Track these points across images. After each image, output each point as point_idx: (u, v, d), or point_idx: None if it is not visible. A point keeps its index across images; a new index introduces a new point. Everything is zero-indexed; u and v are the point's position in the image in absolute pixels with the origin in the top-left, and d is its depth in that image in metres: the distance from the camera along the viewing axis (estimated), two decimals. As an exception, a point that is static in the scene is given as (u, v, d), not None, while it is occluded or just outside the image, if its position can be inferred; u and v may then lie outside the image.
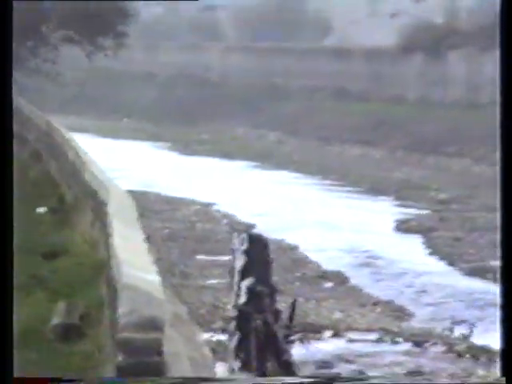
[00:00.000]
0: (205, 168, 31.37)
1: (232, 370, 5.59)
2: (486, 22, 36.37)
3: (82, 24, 28.65)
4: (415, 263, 18.08)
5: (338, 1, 54.36)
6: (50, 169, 13.35)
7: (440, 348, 11.88)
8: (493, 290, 14.98)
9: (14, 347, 5.75)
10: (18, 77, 23.94)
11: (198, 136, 38.94)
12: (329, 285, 15.93)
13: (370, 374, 9.47)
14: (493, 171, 26.87)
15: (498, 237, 16.63)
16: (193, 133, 39.65)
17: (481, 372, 10.47)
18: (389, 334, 12.34)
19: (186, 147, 37.19)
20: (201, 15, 58.29)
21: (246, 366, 5.43)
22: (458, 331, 12.86)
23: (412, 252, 19.23)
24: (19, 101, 19.63)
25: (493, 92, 33.63)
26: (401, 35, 44.72)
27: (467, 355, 11.50)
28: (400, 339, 12.25)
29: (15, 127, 20.85)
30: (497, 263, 16.00)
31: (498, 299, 14.03)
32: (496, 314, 13.37)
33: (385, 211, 24.11)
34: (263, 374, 5.21)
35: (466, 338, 12.55)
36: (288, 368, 5.32)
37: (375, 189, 27.51)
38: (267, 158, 33.60)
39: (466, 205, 24.60)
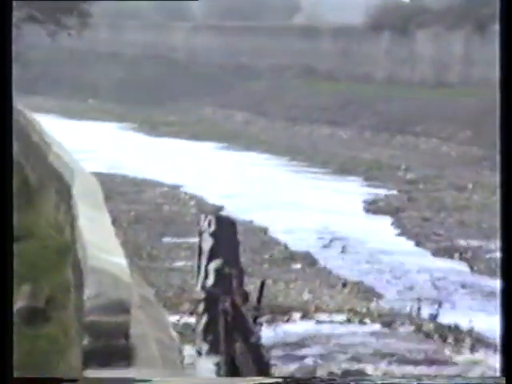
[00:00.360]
0: (172, 149, 31.10)
1: (199, 352, 5.58)
2: (454, 2, 37.10)
3: (45, 2, 28.72)
4: (384, 244, 17.92)
5: (306, -21, 54.61)
6: (12, 150, 13.53)
7: (408, 328, 11.86)
8: (459, 268, 15.22)
9: None
10: None
11: (164, 117, 38.59)
12: (297, 266, 15.73)
13: (339, 355, 9.52)
14: (460, 150, 27.35)
15: (465, 216, 17.19)
16: (159, 114, 39.24)
17: (448, 350, 10.60)
18: (357, 315, 12.30)
19: (153, 128, 36.88)
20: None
21: (213, 348, 5.41)
22: (426, 311, 12.87)
23: (381, 233, 19.18)
24: None
25: (460, 71, 34.09)
26: (369, 14, 44.47)
27: (435, 335, 11.51)
28: (368, 320, 12.19)
29: None
30: (464, 242, 16.28)
31: (465, 277, 14.41)
32: (462, 291, 13.70)
33: (353, 192, 24.09)
34: (231, 357, 5.22)
35: (433, 317, 12.60)
36: (256, 350, 5.31)
37: (344, 169, 27.67)
38: (235, 139, 33.23)
39: (434, 184, 24.56)
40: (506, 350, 4.52)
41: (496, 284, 13.60)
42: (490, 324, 11.12)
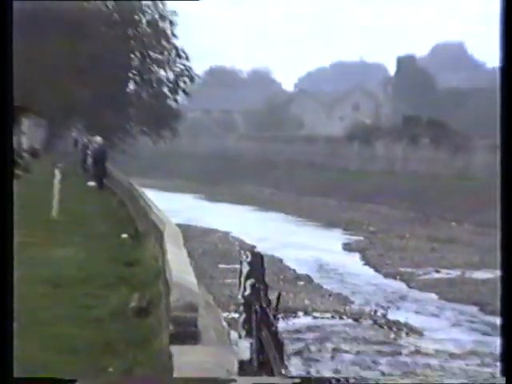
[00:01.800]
0: (224, 210, 45.37)
1: (240, 336, 8.43)
2: (396, 123, 60.52)
3: (151, 122, 44.50)
4: (355, 270, 25.90)
5: (308, 109, 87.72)
6: (129, 211, 17.65)
7: (369, 322, 17.75)
8: (400, 286, 22.63)
9: (111, 321, 8.38)
10: (114, 155, 35.39)
11: (221, 191, 56.89)
12: (301, 283, 22.40)
13: (328, 338, 15.32)
14: (402, 213, 41.83)
15: (404, 254, 26.62)
16: (218, 189, 58.03)
17: (392, 335, 16.34)
18: (338, 314, 18.40)
19: (214, 197, 52.89)
20: (223, 115, 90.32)
21: (248, 334, 8.15)
22: (380, 312, 18.83)
23: (353, 263, 27.42)
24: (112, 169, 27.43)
25: (402, 166, 54.19)
26: (345, 130, 70.24)
27: (385, 326, 17.24)
28: (345, 317, 18.21)
29: (113, 186, 26.26)
30: (403, 269, 24.61)
31: (404, 291, 20.62)
32: (401, 300, 20.26)
33: (336, 238, 34.17)
34: (259, 339, 8.03)
35: (384, 315, 18.43)
36: (275, 335, 7.89)
37: (330, 224, 39.28)
38: (263, 205, 48.70)
39: (386, 234, 34.59)
40: (505, 350, 4.38)
41: (424, 296, 21.13)
42: (419, 321, 17.98)
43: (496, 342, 11.44)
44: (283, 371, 6.89)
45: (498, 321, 13.50)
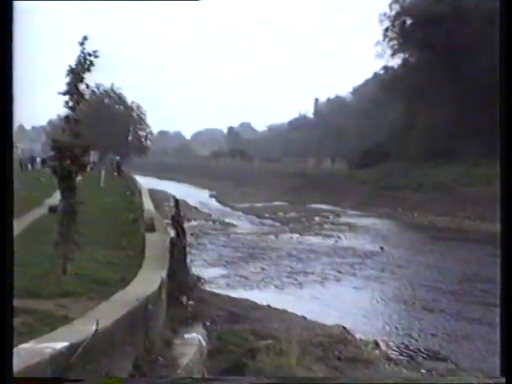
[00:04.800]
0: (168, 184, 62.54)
1: (171, 229, 17.55)
2: None
3: (136, 152, 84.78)
4: (213, 204, 52.30)
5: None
6: (130, 184, 31.38)
7: (217, 223, 40.50)
8: (231, 211, 49.02)
9: (122, 224, 17.45)
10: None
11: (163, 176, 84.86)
12: (193, 210, 31.87)
13: (204, 229, 28.03)
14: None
15: (239, 197, 43.37)
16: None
17: (225, 227, 36.09)
18: (206, 220, 40.21)
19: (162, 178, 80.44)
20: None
21: (172, 227, 17.08)
22: (220, 219, 43.17)
23: (213, 202, 54.58)
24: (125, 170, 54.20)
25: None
26: None
27: (222, 224, 39.72)
28: (210, 222, 39.87)
29: (124, 176, 45.65)
30: (235, 204, 49.55)
31: (230, 211, 34.88)
32: (230, 216, 42.53)
33: (207, 193, 61.66)
34: (177, 230, 16.88)
35: (222, 221, 41.18)
36: (182, 228, 16.67)
37: (204, 187, 69.93)
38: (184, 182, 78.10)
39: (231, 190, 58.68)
40: (506, 350, 4.48)
41: (242, 214, 45.30)
42: (241, 224, 39.44)
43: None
44: (184, 242, 16.52)
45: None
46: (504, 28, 4.42)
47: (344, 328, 13.49)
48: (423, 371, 11.61)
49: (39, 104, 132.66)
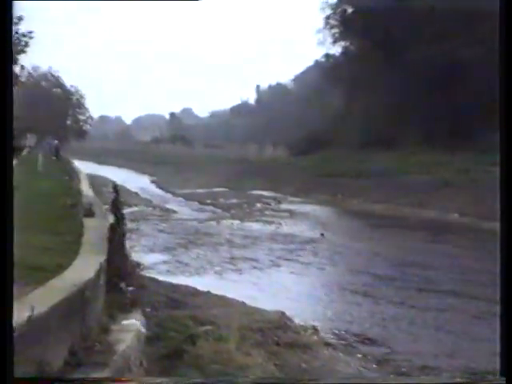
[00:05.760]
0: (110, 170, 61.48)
1: (110, 214, 17.70)
2: None
3: (76, 136, 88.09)
4: (154, 191, 51.96)
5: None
6: (68, 169, 35.64)
7: (157, 209, 40.69)
8: (170, 196, 49.89)
9: (61, 208, 17.92)
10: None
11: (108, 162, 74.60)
12: (133, 195, 39.49)
13: (143, 215, 26.95)
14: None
15: (177, 183, 45.89)
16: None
17: (166, 213, 36.33)
18: (146, 206, 40.15)
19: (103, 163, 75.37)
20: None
21: (112, 212, 17.31)
22: (161, 205, 43.39)
23: (153, 188, 55.95)
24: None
25: None
26: None
27: (162, 209, 39.74)
28: (150, 208, 40.04)
29: (62, 159, 47.39)
30: (175, 190, 51.05)
31: (170, 197, 36.08)
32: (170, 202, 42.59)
33: (147, 179, 62.75)
34: (116, 215, 17.04)
35: (163, 207, 41.78)
36: (122, 214, 17.04)
37: (144, 173, 70.57)
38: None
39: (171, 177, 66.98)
40: (506, 350, 4.42)
41: (182, 200, 45.96)
42: (179, 208, 40.70)
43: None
44: (124, 228, 16.44)
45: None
46: (504, 28, 4.36)
47: (283, 314, 13.58)
48: (359, 356, 11.79)
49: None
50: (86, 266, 8.11)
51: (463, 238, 28.12)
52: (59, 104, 74.47)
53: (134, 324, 8.60)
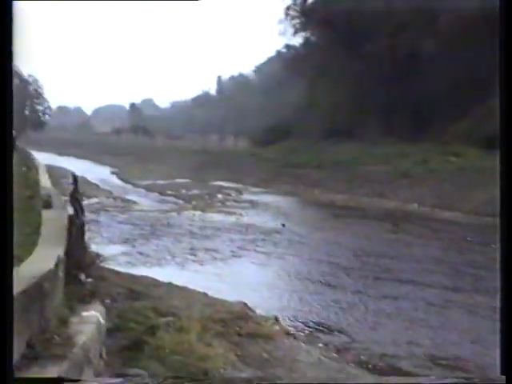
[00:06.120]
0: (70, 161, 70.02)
1: (69, 206, 17.40)
2: None
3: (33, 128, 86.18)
4: (116, 182, 52.35)
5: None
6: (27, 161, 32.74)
7: (118, 200, 40.11)
8: (130, 187, 49.46)
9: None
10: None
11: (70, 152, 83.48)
12: (93, 187, 40.88)
13: (103, 206, 27.16)
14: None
15: (138, 175, 46.14)
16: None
17: (127, 203, 33.21)
18: (107, 197, 39.53)
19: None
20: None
21: (71, 204, 17.05)
22: (121, 196, 43.38)
23: (114, 179, 55.17)
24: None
25: None
26: None
27: (123, 201, 39.55)
28: (110, 198, 39.43)
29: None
30: (136, 181, 51.17)
31: (131, 188, 36.22)
32: (130, 193, 42.32)
33: (108, 170, 65.44)
34: (75, 206, 16.78)
35: (123, 198, 41.43)
36: (80, 205, 16.73)
37: (106, 165, 78.27)
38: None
39: (131, 165, 67.44)
40: (505, 350, 4.27)
41: (142, 191, 46.04)
42: (139, 199, 40.62)
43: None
44: (83, 219, 16.31)
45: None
46: (504, 28, 4.23)
47: (245, 304, 13.60)
48: (320, 345, 11.87)
49: None
50: (44, 258, 8.01)
51: (422, 228, 28.44)
52: (16, 94, 74.41)
53: (93, 316, 8.52)
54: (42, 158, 50.85)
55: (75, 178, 16.02)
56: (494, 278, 17.38)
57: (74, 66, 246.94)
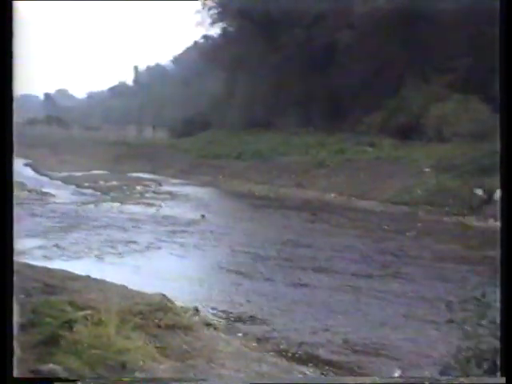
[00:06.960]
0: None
1: None
2: None
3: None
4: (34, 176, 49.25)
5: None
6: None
7: (38, 194, 38.27)
8: (48, 180, 48.13)
9: None
10: None
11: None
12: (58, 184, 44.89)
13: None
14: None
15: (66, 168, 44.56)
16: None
17: (44, 197, 30.85)
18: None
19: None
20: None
21: None
22: (41, 189, 41.03)
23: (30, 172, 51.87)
24: None
25: None
26: None
27: (41, 194, 38.16)
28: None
29: None
30: (53, 173, 48.20)
31: (47, 180, 35.18)
32: (47, 186, 40.34)
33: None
34: None
35: (40, 191, 40.01)
36: None
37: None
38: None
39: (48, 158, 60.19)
40: (505, 350, 4.32)
41: (61, 184, 44.07)
42: (55, 191, 39.30)
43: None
44: None
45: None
46: (504, 28, 4.24)
47: (164, 296, 13.53)
48: (240, 334, 11.94)
49: None
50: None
51: (339, 217, 28.94)
52: None
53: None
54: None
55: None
56: (405, 264, 17.81)
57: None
